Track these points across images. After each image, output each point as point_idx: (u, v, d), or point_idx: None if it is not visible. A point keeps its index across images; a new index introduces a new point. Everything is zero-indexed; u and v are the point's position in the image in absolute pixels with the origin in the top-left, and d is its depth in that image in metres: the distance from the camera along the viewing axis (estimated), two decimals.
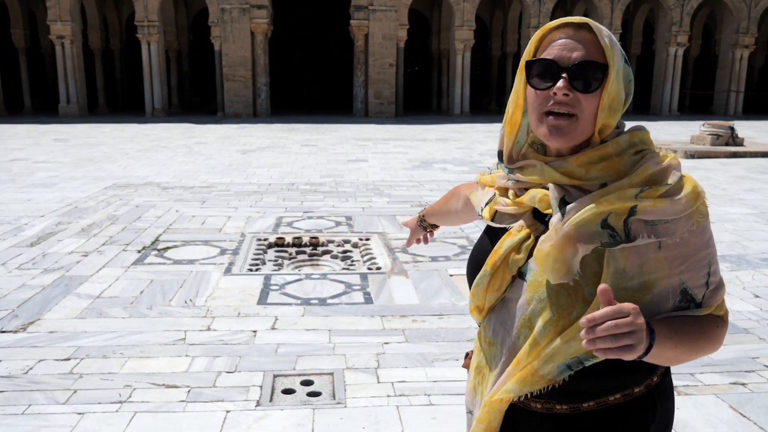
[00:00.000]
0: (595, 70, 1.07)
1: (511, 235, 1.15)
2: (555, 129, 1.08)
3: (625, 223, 1.02)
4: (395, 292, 4.49)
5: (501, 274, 1.15)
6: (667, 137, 16.35)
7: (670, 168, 1.08)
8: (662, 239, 1.04)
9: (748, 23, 26.85)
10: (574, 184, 1.09)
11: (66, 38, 23.30)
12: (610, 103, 1.08)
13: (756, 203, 8.00)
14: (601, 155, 1.09)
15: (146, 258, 5.30)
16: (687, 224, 1.05)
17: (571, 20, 1.10)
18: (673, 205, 1.03)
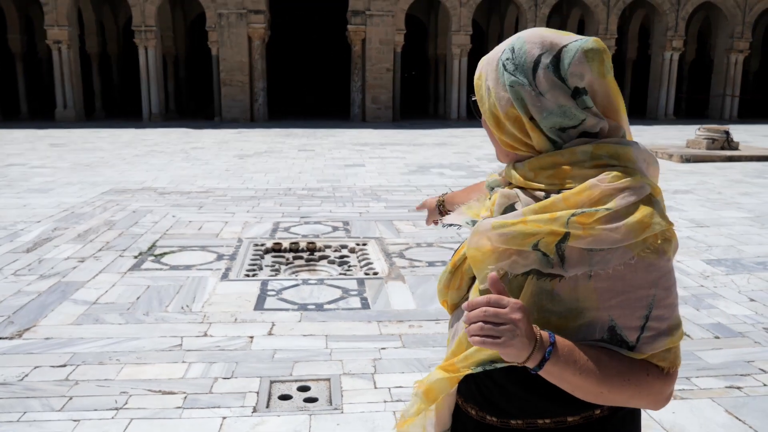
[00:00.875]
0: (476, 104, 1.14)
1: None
2: None
3: (557, 246, 0.97)
4: (392, 298, 4.50)
5: (460, 274, 1.15)
6: (664, 141, 16.40)
7: (621, 190, 0.96)
8: (594, 268, 0.95)
9: (743, 28, 26.98)
10: (521, 185, 1.07)
11: (63, 43, 23.30)
12: (494, 121, 1.07)
13: (751, 207, 8.02)
14: (553, 162, 1.03)
15: (143, 264, 5.30)
16: (625, 256, 0.94)
17: None
18: (609, 233, 0.94)
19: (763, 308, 4.40)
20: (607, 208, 0.94)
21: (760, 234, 6.58)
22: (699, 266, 5.36)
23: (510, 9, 28.58)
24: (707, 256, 5.67)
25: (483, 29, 31.25)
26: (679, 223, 7.02)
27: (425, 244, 5.98)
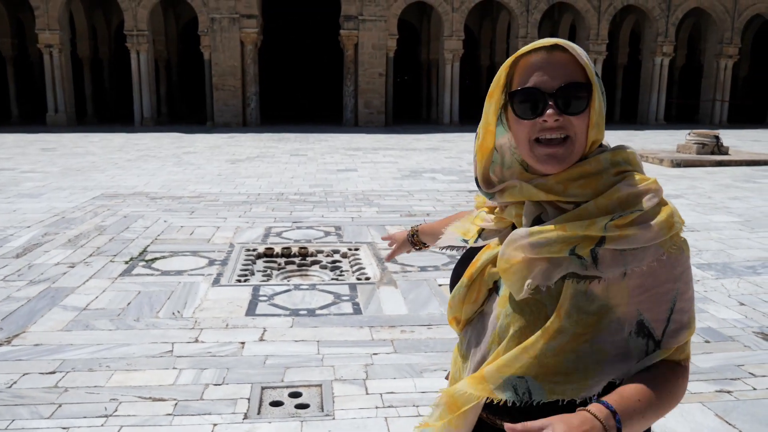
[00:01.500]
0: (579, 90, 1.05)
1: (489, 248, 1.16)
2: (550, 157, 1.06)
3: (592, 250, 1.01)
4: (384, 303, 4.50)
5: (477, 287, 1.15)
6: (654, 146, 16.50)
7: (646, 192, 1.04)
8: (629, 267, 1.01)
9: (732, 34, 27.21)
10: (551, 201, 1.08)
11: (54, 47, 23.22)
12: (598, 119, 1.08)
13: (741, 211, 8.08)
14: (581, 172, 1.07)
15: (134, 269, 5.27)
16: (657, 252, 1.01)
17: (543, 43, 1.08)
18: (644, 233, 1.00)
19: (753, 312, 4.43)
20: (639, 209, 1.01)
21: (749, 238, 6.62)
22: None
23: (502, 14, 28.70)
24: (698, 260, 5.70)
25: (475, 34, 31.37)
26: None
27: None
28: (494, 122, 1.15)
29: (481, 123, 1.17)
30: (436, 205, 8.25)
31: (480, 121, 1.18)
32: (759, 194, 9.47)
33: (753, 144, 18.20)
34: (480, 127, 1.18)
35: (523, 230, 1.06)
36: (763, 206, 8.46)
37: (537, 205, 1.09)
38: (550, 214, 1.08)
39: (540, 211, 1.09)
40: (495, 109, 1.14)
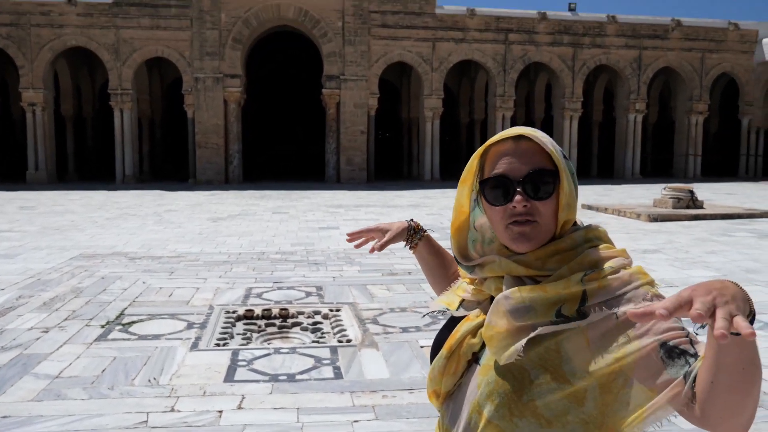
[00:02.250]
0: (545, 176, 1.11)
1: (468, 320, 1.18)
2: (521, 235, 1.11)
3: (579, 310, 1.04)
4: (365, 366, 4.44)
5: (456, 358, 1.17)
6: (632, 200, 16.79)
7: (615, 256, 1.09)
8: (619, 310, 1.02)
9: (701, 91, 28.19)
10: (530, 275, 1.12)
11: (38, 105, 23.35)
12: (568, 200, 1.13)
13: (718, 266, 8.18)
14: (556, 249, 1.12)
15: (110, 333, 5.17)
16: (642, 293, 1.03)
17: (510, 134, 1.14)
18: (619, 280, 1.04)
19: None
20: (609, 266, 1.07)
21: None
22: None
23: (480, 73, 29.51)
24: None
25: (454, 93, 32.14)
26: None
27: (399, 309, 5.95)
28: (467, 205, 1.22)
29: (455, 204, 1.24)
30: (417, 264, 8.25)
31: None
32: (735, 248, 9.62)
33: (727, 197, 18.59)
34: (454, 209, 1.25)
35: (504, 294, 1.09)
36: (739, 260, 8.58)
37: (516, 279, 1.12)
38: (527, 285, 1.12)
39: (519, 283, 1.12)
40: (468, 193, 1.21)
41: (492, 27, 25.73)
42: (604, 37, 26.80)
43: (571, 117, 27.06)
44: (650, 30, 27.23)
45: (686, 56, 27.73)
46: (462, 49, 25.59)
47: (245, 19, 23.88)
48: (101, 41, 23.36)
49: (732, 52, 28.17)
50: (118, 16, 23.36)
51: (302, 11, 24.18)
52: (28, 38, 22.95)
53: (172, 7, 23.60)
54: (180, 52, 23.77)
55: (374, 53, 24.84)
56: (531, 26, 26.04)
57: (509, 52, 25.92)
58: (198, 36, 23.66)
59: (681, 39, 27.60)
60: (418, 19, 25.04)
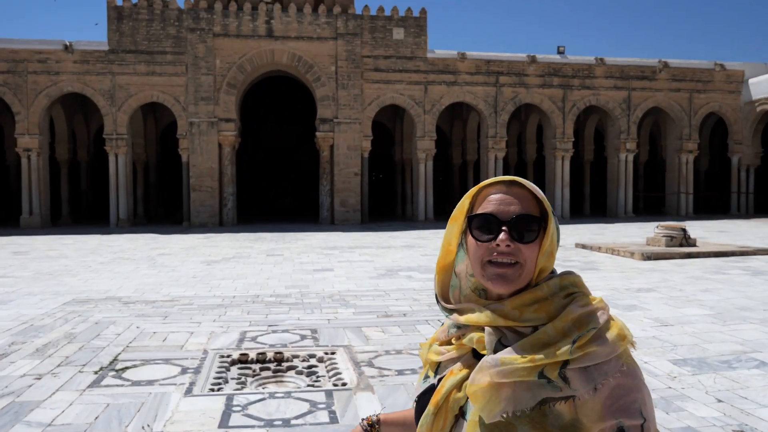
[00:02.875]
0: (531, 222, 1.16)
1: (452, 375, 1.20)
2: (500, 276, 1.15)
3: (560, 373, 1.07)
4: (361, 410, 4.40)
5: (444, 414, 1.18)
6: (625, 239, 16.87)
7: (596, 311, 1.12)
8: (597, 381, 1.06)
9: (690, 130, 28.65)
10: (509, 326, 1.14)
11: (33, 151, 23.50)
12: (551, 248, 1.17)
13: (712, 304, 8.20)
14: (534, 297, 1.15)
15: (103, 379, 5.12)
16: (617, 364, 1.08)
17: (503, 179, 1.20)
18: (602, 348, 1.08)
19: (731, 409, 4.42)
20: (594, 327, 1.09)
21: (722, 331, 6.69)
22: (666, 366, 5.40)
23: (471, 115, 29.96)
24: (673, 355, 5.73)
25: (446, 134, 32.56)
26: (644, 322, 7.13)
27: (394, 352, 5.93)
28: (455, 243, 1.25)
29: (443, 242, 1.27)
30: (412, 305, 8.25)
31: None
32: (729, 286, 9.65)
33: (719, 235, 18.71)
34: (441, 247, 1.27)
35: (493, 358, 1.11)
36: (734, 298, 8.60)
37: (497, 330, 1.15)
38: (509, 338, 1.14)
39: (500, 335, 1.15)
40: (457, 232, 1.24)
41: (483, 70, 26.24)
42: (593, 79, 27.34)
43: (563, 157, 27.39)
44: (638, 71, 27.82)
45: (674, 96, 28.27)
46: (454, 92, 26.03)
47: (240, 64, 24.30)
48: (97, 87, 23.68)
49: (719, 92, 28.74)
50: (114, 62, 23.74)
51: (296, 57, 24.64)
52: (25, 85, 23.24)
53: (167, 53, 24.02)
54: (175, 97, 24.09)
55: (367, 96, 25.24)
56: (521, 69, 26.58)
57: (500, 94, 26.38)
58: (193, 81, 24.03)
59: (669, 80, 28.18)
60: (410, 63, 25.54)
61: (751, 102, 28.56)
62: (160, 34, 23.95)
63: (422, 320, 7.26)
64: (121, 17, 23.82)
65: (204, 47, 24.05)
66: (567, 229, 21.56)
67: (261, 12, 24.46)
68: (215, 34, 24.16)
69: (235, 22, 24.28)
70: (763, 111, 28.22)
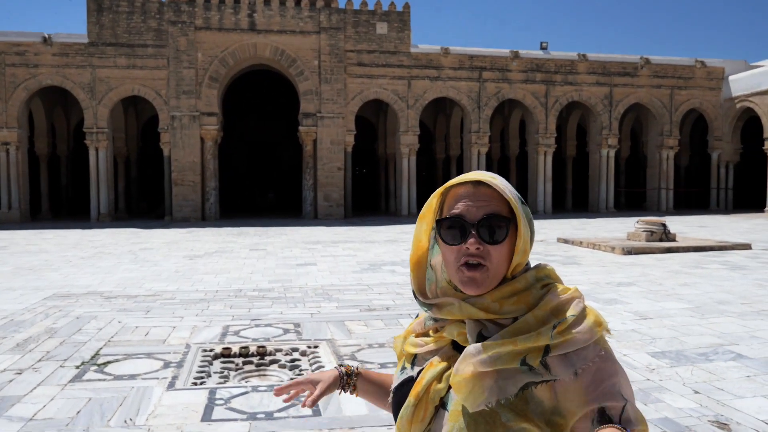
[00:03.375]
0: (499, 222, 1.17)
1: (432, 366, 1.21)
2: (470, 280, 1.17)
3: (542, 361, 1.10)
4: (344, 403, 4.42)
5: (424, 405, 1.19)
6: (606, 234, 17.06)
7: (572, 299, 1.16)
8: (578, 366, 1.10)
9: (671, 126, 28.97)
10: (489, 318, 1.16)
11: (12, 144, 23.17)
12: (525, 245, 1.19)
13: (691, 298, 8.32)
14: (512, 290, 1.17)
15: (85, 374, 5.09)
16: (596, 350, 1.12)
17: (470, 178, 1.20)
18: (581, 335, 1.11)
19: (708, 400, 4.51)
20: (572, 315, 1.13)
21: (700, 324, 6.81)
22: (644, 359, 5.48)
23: (455, 110, 30.03)
24: (652, 348, 5.82)
25: (430, 129, 32.60)
26: (623, 315, 7.23)
27: (377, 345, 5.96)
28: (425, 240, 1.26)
29: (413, 239, 1.28)
30: (395, 299, 8.29)
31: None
32: (707, 280, 9.81)
33: (699, 230, 18.98)
34: (412, 244, 1.28)
35: (476, 347, 1.13)
36: (712, 292, 8.75)
37: (477, 323, 1.17)
38: (490, 330, 1.16)
39: (480, 327, 1.17)
40: (426, 229, 1.26)
41: (466, 65, 26.31)
42: (576, 75, 27.53)
43: (546, 152, 27.58)
44: (620, 68, 28.07)
45: (656, 93, 28.57)
46: (437, 87, 26.08)
47: (222, 58, 24.13)
48: (77, 80, 23.38)
49: (700, 89, 29.10)
50: (94, 55, 23.45)
51: (279, 50, 24.52)
52: (3, 78, 22.89)
53: (148, 46, 23.78)
54: (156, 91, 23.86)
55: (351, 91, 25.20)
56: (504, 64, 26.69)
57: (483, 90, 26.48)
58: (175, 75, 23.82)
59: (650, 76, 28.46)
60: (394, 58, 25.53)
61: (730, 99, 28.95)
62: (141, 26, 23.69)
63: (405, 314, 7.30)
64: (101, 9, 23.53)
65: (185, 40, 23.84)
66: (549, 223, 21.73)
67: (243, 5, 24.29)
68: (197, 27, 23.96)
69: (217, 15, 24.09)
70: (742, 108, 28.63)
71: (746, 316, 7.15)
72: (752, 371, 5.10)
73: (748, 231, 18.81)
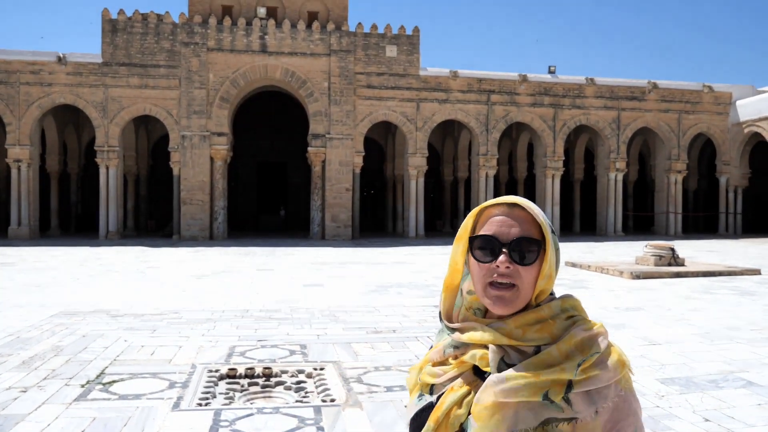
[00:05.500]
0: (531, 245, 1.18)
1: (453, 391, 1.20)
2: (498, 299, 1.18)
3: (564, 397, 1.10)
4: (349, 427, 4.39)
5: (444, 430, 1.18)
6: (614, 258, 16.96)
7: (598, 336, 1.16)
8: (598, 405, 1.11)
9: (679, 150, 28.94)
10: (512, 345, 1.17)
11: (23, 161, 23.40)
12: (551, 270, 1.20)
13: (701, 323, 8.24)
14: (537, 318, 1.18)
15: (90, 393, 5.08)
16: (616, 389, 1.14)
17: (505, 200, 1.22)
18: (604, 373, 1.12)
19: (718, 428, 4.44)
20: (597, 351, 1.13)
21: (709, 351, 6.73)
22: (654, 385, 5.42)
23: (463, 132, 30.14)
24: (661, 374, 5.75)
25: (438, 151, 32.71)
26: (632, 341, 7.16)
27: (383, 368, 5.92)
28: (461, 262, 1.27)
29: (450, 261, 1.29)
30: (402, 321, 8.25)
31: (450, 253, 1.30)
32: (716, 305, 9.72)
33: (708, 254, 18.85)
34: (449, 266, 1.29)
35: (498, 377, 1.13)
36: (721, 318, 8.66)
37: (500, 348, 1.17)
38: (512, 357, 1.16)
39: (502, 353, 1.17)
40: (462, 251, 1.26)
41: (474, 88, 26.46)
42: (584, 99, 27.62)
43: (553, 175, 27.58)
44: (628, 92, 28.15)
45: (663, 117, 28.59)
46: (445, 109, 26.21)
47: (233, 79, 24.39)
48: (89, 99, 23.66)
49: (707, 114, 29.11)
50: (107, 75, 23.76)
51: (289, 72, 24.76)
52: (17, 96, 23.19)
53: (161, 66, 24.08)
54: (168, 111, 24.10)
55: (360, 113, 25.36)
56: (512, 88, 26.82)
57: (491, 113, 26.59)
58: (186, 95, 24.07)
59: (658, 100, 28.52)
60: (403, 80, 25.72)
61: (738, 123, 28.93)
62: (154, 47, 24.01)
63: (412, 336, 7.26)
64: (115, 30, 23.88)
65: (198, 61, 24.13)
66: None
67: (255, 27, 24.60)
68: (209, 48, 24.26)
69: (229, 37, 24.40)
70: (750, 132, 28.59)
71: (756, 343, 7.07)
72: (763, 399, 5.03)
73: (757, 256, 18.66)
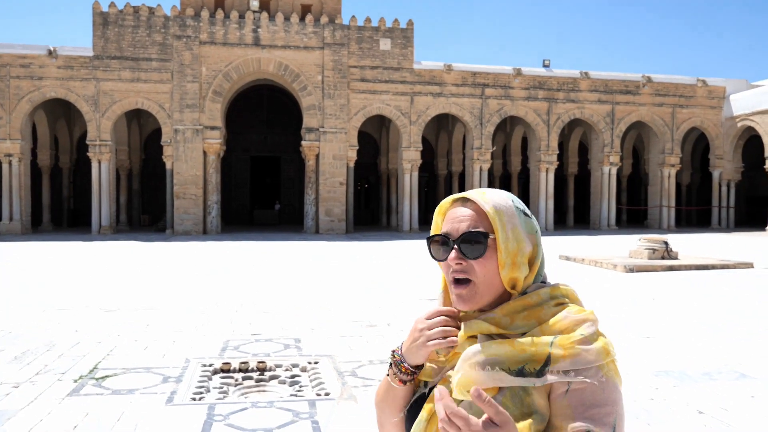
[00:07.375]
0: (478, 237, 1.16)
1: (445, 381, 1.21)
2: (458, 297, 1.18)
3: (539, 371, 1.09)
4: (344, 420, 4.36)
5: (436, 420, 1.18)
6: (608, 251, 17.00)
7: (585, 321, 1.14)
8: (572, 385, 1.08)
9: (672, 144, 29.02)
10: (500, 333, 1.16)
11: (14, 156, 23.23)
12: (512, 259, 1.17)
13: (694, 316, 8.27)
14: (524, 305, 1.17)
15: (83, 388, 5.04)
16: (597, 374, 1.10)
17: (461, 195, 1.23)
18: (586, 354, 1.09)
19: (712, 420, 4.45)
20: (581, 333, 1.11)
21: (703, 343, 6.75)
22: (648, 378, 5.43)
23: (457, 126, 30.10)
24: (655, 367, 5.76)
25: (432, 145, 32.68)
26: (626, 334, 7.17)
27: (378, 362, 5.91)
28: None
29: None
30: (397, 314, 8.24)
31: None
32: (710, 299, 9.75)
33: (701, 248, 18.93)
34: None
35: (475, 347, 1.14)
36: (715, 311, 8.69)
37: (488, 338, 1.17)
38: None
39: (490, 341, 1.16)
40: None
41: (469, 82, 26.42)
42: (578, 92, 27.63)
43: (547, 169, 27.60)
44: (622, 86, 28.17)
45: (657, 111, 28.64)
46: (440, 103, 26.17)
47: (226, 72, 24.25)
48: (81, 93, 23.49)
49: (701, 108, 29.18)
50: (98, 68, 23.58)
51: (282, 65, 24.65)
52: (7, 89, 23.00)
53: (153, 60, 23.92)
54: (160, 104, 23.96)
55: (353, 106, 25.29)
56: (507, 81, 26.79)
57: (486, 106, 26.56)
58: (178, 88, 23.93)
59: (652, 94, 28.56)
60: (397, 74, 25.65)
61: (732, 118, 29.01)
62: (146, 40, 23.85)
63: (406, 330, 7.25)
64: (106, 23, 23.69)
65: (190, 55, 23.98)
66: (550, 240, 21.68)
67: (248, 20, 24.45)
68: (201, 41, 24.11)
69: (222, 30, 24.25)
70: (743, 127, 28.68)
71: (750, 335, 7.10)
72: (757, 391, 5.05)
73: (750, 249, 18.75)
